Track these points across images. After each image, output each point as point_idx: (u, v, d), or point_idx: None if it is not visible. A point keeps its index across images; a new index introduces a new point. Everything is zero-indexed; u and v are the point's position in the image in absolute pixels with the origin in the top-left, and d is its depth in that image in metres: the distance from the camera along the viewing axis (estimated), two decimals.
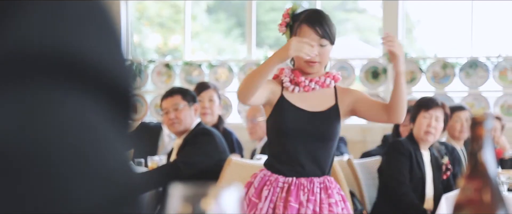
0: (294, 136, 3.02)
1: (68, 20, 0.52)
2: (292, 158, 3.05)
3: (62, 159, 0.49)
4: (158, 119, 7.05)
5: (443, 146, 4.72)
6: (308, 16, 3.00)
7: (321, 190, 3.04)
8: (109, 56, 0.54)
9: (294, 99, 3.08)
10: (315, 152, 3.04)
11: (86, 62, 0.51)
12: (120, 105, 0.54)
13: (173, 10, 9.74)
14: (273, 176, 3.08)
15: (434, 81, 7.26)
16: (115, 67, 0.54)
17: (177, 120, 4.38)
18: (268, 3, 10.67)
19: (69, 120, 0.50)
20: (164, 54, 9.41)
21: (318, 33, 2.96)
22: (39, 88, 0.50)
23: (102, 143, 0.52)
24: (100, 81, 0.52)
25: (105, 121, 0.52)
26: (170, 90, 4.53)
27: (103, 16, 0.55)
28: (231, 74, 7.71)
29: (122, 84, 0.54)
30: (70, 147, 0.50)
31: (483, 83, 7.16)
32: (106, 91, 0.53)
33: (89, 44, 0.52)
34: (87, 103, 0.51)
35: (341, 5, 11.12)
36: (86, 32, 0.53)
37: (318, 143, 3.03)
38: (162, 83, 7.84)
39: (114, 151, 0.53)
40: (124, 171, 0.53)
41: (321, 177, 3.07)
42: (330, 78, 3.08)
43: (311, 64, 3.01)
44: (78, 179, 0.49)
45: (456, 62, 7.24)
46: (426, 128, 4.30)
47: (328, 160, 3.09)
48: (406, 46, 8.05)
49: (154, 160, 4.98)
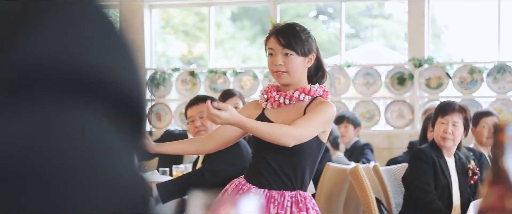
0: (266, 151, 3.07)
1: (78, 36, 0.53)
2: (262, 171, 3.09)
3: (73, 172, 0.50)
4: (183, 127, 7.06)
5: (471, 152, 4.66)
6: (277, 28, 3.11)
7: (292, 204, 3.06)
8: (119, 70, 0.54)
9: (272, 115, 3.14)
10: (283, 165, 3.07)
11: (97, 77, 0.52)
12: (131, 118, 0.55)
13: (197, 18, 9.78)
14: (247, 185, 3.13)
15: (461, 86, 7.19)
16: (125, 81, 0.54)
17: (203, 128, 4.38)
18: (292, 10, 10.67)
19: (80, 133, 0.51)
20: (189, 62, 9.44)
21: (280, 43, 3.04)
22: (50, 103, 0.50)
23: (113, 155, 0.52)
24: (111, 95, 0.53)
25: (116, 133, 0.53)
26: (195, 98, 4.54)
27: (113, 31, 0.56)
28: (256, 82, 7.71)
29: (133, 98, 0.55)
30: (81, 160, 0.50)
31: (511, 88, 7.08)
32: (117, 105, 0.53)
33: (99, 59, 0.53)
34: (98, 117, 0.52)
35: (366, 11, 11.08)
36: (97, 47, 0.53)
37: (284, 156, 3.05)
38: (187, 91, 7.86)
39: (125, 162, 0.53)
40: (136, 182, 0.54)
41: (293, 191, 3.09)
42: (304, 93, 3.09)
43: (278, 74, 3.07)
44: (89, 190, 0.50)
45: (484, 67, 7.16)
46: (442, 134, 4.26)
47: (299, 173, 3.09)
48: (433, 51, 7.99)
49: (179, 169, 4.98)
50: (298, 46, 3.05)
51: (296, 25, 3.12)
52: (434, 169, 4.29)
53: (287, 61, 3.04)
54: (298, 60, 3.05)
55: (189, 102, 4.53)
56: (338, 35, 7.85)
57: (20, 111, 0.49)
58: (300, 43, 3.06)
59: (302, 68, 3.08)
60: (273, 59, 3.05)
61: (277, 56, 3.04)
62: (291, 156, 3.05)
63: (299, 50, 3.05)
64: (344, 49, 7.77)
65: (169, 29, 9.78)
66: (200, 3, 8.18)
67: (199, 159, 4.49)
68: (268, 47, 3.10)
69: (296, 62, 3.05)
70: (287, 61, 3.04)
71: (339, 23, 7.83)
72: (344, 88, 7.46)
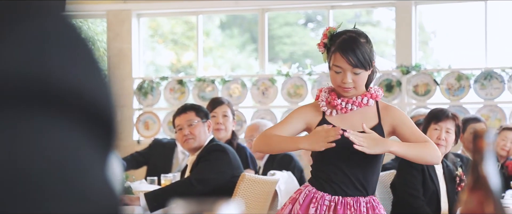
0: (337, 159, 3.03)
1: (49, 49, 0.53)
2: (334, 179, 3.05)
3: (43, 182, 0.50)
4: (171, 136, 7.06)
5: (458, 158, 4.68)
6: (341, 44, 3.00)
7: (368, 210, 3.04)
8: (88, 81, 0.55)
9: (335, 121, 3.07)
10: (359, 173, 3.04)
11: (68, 90, 0.52)
12: (101, 128, 0.55)
13: (186, 27, 9.78)
14: (319, 193, 3.07)
15: (449, 93, 7.22)
16: (94, 92, 0.55)
17: (191, 136, 4.37)
18: (281, 18, 10.69)
19: (50, 144, 0.51)
20: (178, 71, 9.44)
21: (350, 63, 2.96)
22: (21, 116, 0.50)
23: (83, 165, 0.53)
24: (83, 110, 0.53)
25: (86, 144, 0.53)
26: (183, 107, 4.53)
27: (81, 43, 0.56)
28: (244, 90, 7.71)
29: (103, 108, 0.55)
30: (51, 170, 0.50)
31: (498, 95, 7.11)
32: (86, 115, 0.54)
33: (67, 70, 0.53)
34: (67, 128, 0.52)
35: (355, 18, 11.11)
36: (65, 59, 0.53)
37: (361, 164, 3.03)
38: (175, 100, 7.85)
39: (96, 172, 0.54)
40: (107, 192, 0.54)
41: (367, 197, 3.07)
42: (368, 98, 3.06)
43: (345, 90, 3.02)
44: (60, 200, 0.50)
45: (471, 74, 7.20)
46: (436, 140, 4.27)
47: (371, 180, 3.08)
48: (421, 58, 8.02)
49: (167, 178, 4.98)
50: (367, 62, 2.99)
51: (360, 37, 3.02)
52: (423, 175, 4.31)
53: (356, 78, 2.99)
54: (365, 75, 3.02)
55: (177, 111, 4.52)
56: None
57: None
58: (367, 58, 2.99)
59: (366, 79, 3.07)
60: (342, 77, 2.99)
61: (346, 75, 2.98)
62: (371, 162, 3.04)
63: (367, 66, 3.00)
64: None
65: (158, 37, 9.78)
66: (189, 12, 8.18)
67: (187, 168, 4.48)
68: (335, 64, 3.01)
69: (364, 77, 3.02)
70: (356, 78, 2.99)
71: None
72: None
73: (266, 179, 4.43)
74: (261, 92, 7.68)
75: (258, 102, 7.70)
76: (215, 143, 4.43)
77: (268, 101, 7.66)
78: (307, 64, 7.79)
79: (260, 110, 7.66)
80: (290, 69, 7.71)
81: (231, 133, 5.26)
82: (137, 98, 7.95)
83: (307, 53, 10.78)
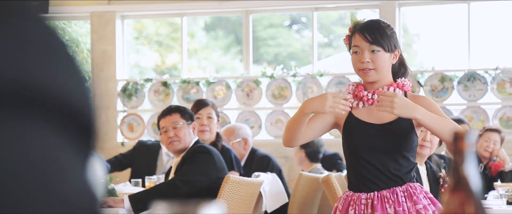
0: (367, 152, 2.97)
1: (29, 54, 0.53)
2: (366, 175, 2.99)
3: (20, 183, 0.50)
4: (156, 138, 7.04)
5: (442, 160, 4.70)
6: (361, 25, 3.00)
7: (406, 198, 2.96)
8: (66, 84, 0.55)
9: (362, 114, 3.02)
10: (391, 165, 2.97)
11: (46, 92, 0.52)
12: (79, 130, 0.55)
13: (171, 29, 9.77)
14: (355, 195, 3.02)
15: (433, 94, 7.26)
16: (76, 98, 0.55)
17: (176, 138, 4.36)
18: (266, 20, 10.70)
19: (32, 150, 0.51)
20: (163, 73, 9.42)
21: (367, 40, 2.94)
22: (1, 121, 0.50)
23: (65, 170, 0.53)
24: (61, 112, 0.53)
25: (64, 146, 0.53)
26: (168, 109, 4.52)
27: (59, 46, 0.56)
28: (229, 92, 7.72)
29: (81, 111, 0.55)
30: (31, 175, 0.50)
31: (481, 96, 7.16)
32: (64, 118, 0.53)
33: (45, 74, 0.53)
34: (49, 134, 0.52)
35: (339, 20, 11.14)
36: (47, 65, 0.53)
37: (392, 155, 2.97)
38: (159, 102, 7.84)
39: (74, 174, 0.54)
40: (85, 194, 0.54)
41: (403, 185, 2.99)
42: (394, 88, 3.00)
43: (365, 72, 2.96)
44: (37, 201, 0.50)
45: (454, 75, 7.24)
46: (421, 142, 4.29)
47: (407, 168, 3.00)
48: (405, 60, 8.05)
49: (151, 180, 4.97)
50: (385, 42, 2.94)
51: (380, 21, 3.02)
52: None
53: (374, 58, 2.93)
54: (385, 56, 2.95)
55: (162, 113, 4.52)
56: (311, 44, 7.89)
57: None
58: (386, 39, 2.95)
59: (388, 65, 2.98)
60: (360, 57, 2.94)
61: (364, 53, 2.92)
62: (402, 152, 2.97)
63: (386, 46, 2.95)
64: (317, 58, 7.81)
65: (142, 39, 9.76)
66: (173, 13, 8.18)
67: (172, 170, 4.47)
68: (354, 45, 2.97)
69: (383, 58, 2.95)
70: (374, 58, 2.93)
71: (311, 32, 7.88)
72: None
73: (251, 181, 4.43)
74: (245, 94, 7.68)
75: (243, 104, 7.70)
76: (200, 144, 4.43)
77: (252, 103, 7.66)
78: (291, 66, 7.80)
79: (244, 111, 7.67)
80: (274, 71, 7.72)
81: (215, 135, 5.26)
82: (121, 100, 7.93)
83: (292, 55, 10.80)
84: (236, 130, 5.55)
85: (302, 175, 5.08)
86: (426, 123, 2.86)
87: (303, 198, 5.09)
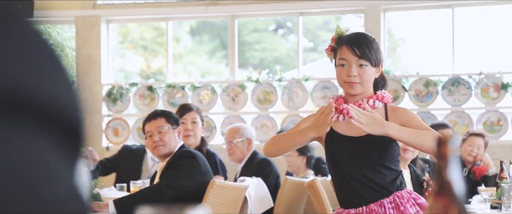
0: (349, 166, 2.99)
1: (16, 59, 0.52)
2: (354, 189, 2.99)
3: (12, 193, 0.50)
4: (141, 142, 7.03)
5: (427, 164, 4.73)
6: (348, 37, 3.01)
7: (394, 209, 2.97)
8: (57, 90, 0.55)
9: (342, 128, 3.03)
10: (374, 176, 2.98)
11: (33, 96, 0.52)
12: (67, 136, 0.55)
13: (156, 33, 9.75)
14: (345, 212, 3.03)
15: (417, 99, 7.29)
16: (64, 103, 0.55)
17: (161, 143, 4.35)
18: (251, 24, 10.71)
19: (20, 155, 0.51)
20: (148, 77, 9.40)
21: (356, 54, 2.95)
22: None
23: (53, 175, 0.53)
24: (49, 116, 0.53)
25: (52, 151, 0.53)
26: (153, 113, 4.51)
27: (47, 51, 0.56)
28: (214, 96, 7.71)
29: (69, 116, 0.55)
30: (20, 181, 0.50)
31: (465, 101, 7.20)
32: (55, 124, 0.54)
33: (32, 79, 0.53)
34: (37, 138, 0.52)
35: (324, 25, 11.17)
36: (34, 69, 0.53)
37: (374, 167, 2.98)
38: (145, 106, 7.82)
39: (62, 179, 0.54)
40: (73, 198, 0.54)
41: (391, 195, 3.00)
42: (374, 100, 3.01)
43: (351, 85, 2.97)
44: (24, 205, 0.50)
45: (439, 80, 7.28)
46: (403, 146, 4.31)
47: (392, 177, 3.01)
48: (390, 65, 8.09)
49: (136, 184, 4.95)
50: (372, 56, 2.96)
51: (367, 35, 3.04)
52: None
53: (361, 72, 2.95)
54: (371, 71, 2.98)
55: (147, 117, 4.50)
56: (296, 49, 7.91)
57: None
58: (373, 53, 2.97)
59: (373, 79, 3.01)
60: (347, 70, 2.96)
61: (351, 67, 2.94)
62: (385, 163, 2.97)
63: (373, 60, 2.97)
64: (302, 63, 7.83)
65: (127, 44, 9.74)
66: (159, 18, 8.17)
67: (157, 174, 4.46)
68: (340, 57, 2.99)
69: (370, 73, 2.97)
70: (362, 72, 2.95)
71: (297, 37, 7.89)
72: (302, 102, 7.51)
73: (236, 186, 4.43)
74: (231, 99, 7.68)
75: (228, 108, 7.70)
76: (185, 149, 4.42)
77: (238, 107, 7.66)
78: (277, 70, 7.82)
79: (230, 116, 7.67)
80: (260, 75, 7.73)
81: (200, 139, 5.26)
82: (106, 104, 7.90)
83: (277, 60, 10.81)
84: (241, 129, 5.56)
85: (288, 180, 5.08)
86: (401, 138, 2.88)
87: (288, 202, 5.09)
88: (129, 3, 8.00)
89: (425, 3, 7.44)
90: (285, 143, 3.03)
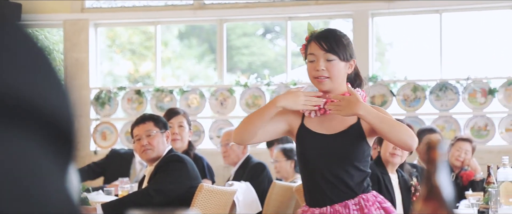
0: (317, 163, 2.97)
1: (8, 63, 0.53)
2: (320, 187, 2.97)
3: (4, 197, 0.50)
4: (129, 146, 7.01)
5: (415, 169, 4.74)
6: (318, 33, 3.01)
7: (358, 212, 2.96)
8: (46, 93, 0.55)
9: (313, 125, 3.02)
10: (342, 175, 2.96)
11: (27, 103, 0.52)
12: (59, 139, 0.55)
13: (144, 37, 9.74)
14: (310, 210, 3.02)
15: (405, 104, 7.32)
16: (54, 104, 0.55)
17: (150, 146, 4.34)
18: (239, 29, 10.71)
19: (11, 158, 0.51)
20: (136, 81, 9.38)
21: (323, 48, 2.94)
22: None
23: (44, 178, 0.53)
24: (40, 118, 0.53)
25: (44, 154, 0.53)
26: (141, 117, 4.50)
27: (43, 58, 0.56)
28: (202, 100, 7.71)
29: (61, 120, 0.55)
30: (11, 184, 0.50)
31: (453, 106, 7.23)
32: (46, 128, 0.54)
33: (25, 82, 0.53)
34: (28, 141, 0.52)
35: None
36: (26, 74, 0.53)
37: (342, 165, 2.96)
38: (133, 110, 7.81)
39: (54, 182, 0.54)
40: (64, 202, 0.54)
41: (356, 197, 2.98)
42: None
43: (319, 80, 2.96)
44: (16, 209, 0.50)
45: (426, 85, 7.31)
46: (391, 150, 4.32)
47: (360, 178, 3.00)
48: (378, 69, 8.11)
49: (125, 188, 4.94)
50: (340, 50, 2.95)
51: (336, 31, 3.03)
52: (378, 185, 4.34)
53: (329, 66, 2.94)
54: (340, 65, 2.96)
55: (135, 121, 4.49)
56: (284, 53, 7.92)
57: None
58: (342, 47, 2.96)
59: (343, 74, 2.99)
60: (315, 65, 2.95)
61: (319, 62, 2.94)
62: (353, 162, 2.96)
63: (341, 55, 2.96)
64: (290, 67, 7.83)
65: (115, 47, 9.71)
66: (147, 22, 8.16)
67: (145, 179, 4.45)
68: (309, 53, 2.98)
69: (338, 67, 2.96)
70: (330, 66, 2.94)
71: (285, 41, 7.90)
72: None
73: (224, 190, 4.43)
74: (219, 103, 7.68)
75: (217, 112, 7.69)
76: (173, 153, 4.41)
77: (226, 111, 7.66)
78: (265, 74, 7.82)
79: (218, 120, 7.66)
80: (248, 79, 7.73)
81: (187, 143, 5.25)
82: (94, 108, 7.88)
83: (266, 64, 10.81)
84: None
85: (276, 184, 5.08)
86: (369, 120, 2.85)
87: (276, 207, 5.09)
88: (117, 7, 7.99)
89: (413, 8, 7.47)
90: (251, 118, 2.94)
